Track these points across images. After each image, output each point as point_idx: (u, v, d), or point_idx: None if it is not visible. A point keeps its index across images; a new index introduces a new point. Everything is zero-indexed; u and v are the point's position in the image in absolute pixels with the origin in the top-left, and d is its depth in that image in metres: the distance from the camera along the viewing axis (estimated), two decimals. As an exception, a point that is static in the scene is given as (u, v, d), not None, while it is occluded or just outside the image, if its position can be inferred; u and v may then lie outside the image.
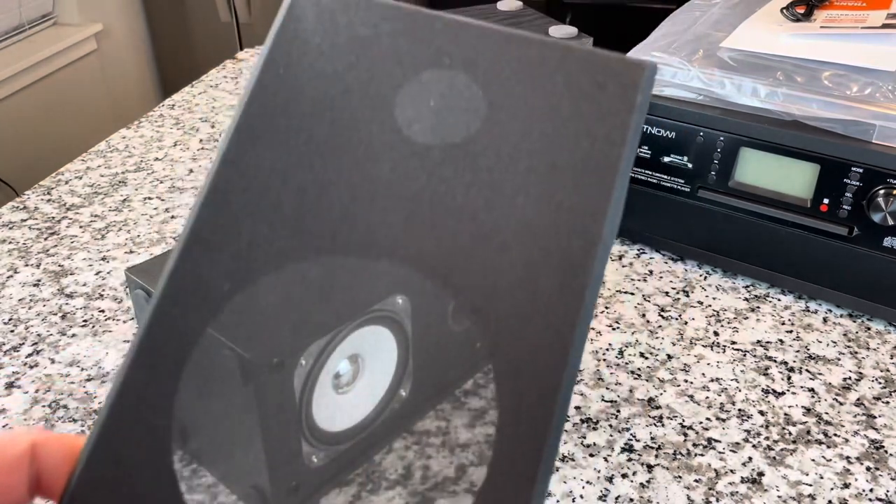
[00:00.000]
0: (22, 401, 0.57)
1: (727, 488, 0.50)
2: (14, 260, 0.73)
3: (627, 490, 0.49)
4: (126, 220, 0.79)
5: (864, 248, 0.61)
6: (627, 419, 0.55)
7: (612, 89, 0.25)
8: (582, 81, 0.25)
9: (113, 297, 0.68)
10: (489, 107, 0.26)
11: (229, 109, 1.03)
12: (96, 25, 2.07)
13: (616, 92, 0.25)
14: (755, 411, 0.55)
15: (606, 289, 0.68)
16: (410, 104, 0.27)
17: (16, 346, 0.62)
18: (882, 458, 0.52)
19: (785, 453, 0.52)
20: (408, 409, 0.33)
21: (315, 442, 0.41)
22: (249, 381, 0.41)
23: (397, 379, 0.47)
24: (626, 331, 0.63)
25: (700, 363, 0.60)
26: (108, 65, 2.15)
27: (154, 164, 0.90)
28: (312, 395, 0.44)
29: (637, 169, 0.69)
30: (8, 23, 1.89)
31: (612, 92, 0.25)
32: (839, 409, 0.56)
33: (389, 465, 0.44)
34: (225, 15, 2.14)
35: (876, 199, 0.59)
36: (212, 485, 0.32)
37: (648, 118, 0.66)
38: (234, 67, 1.17)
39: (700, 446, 0.53)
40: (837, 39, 0.65)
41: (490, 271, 0.25)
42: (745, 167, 0.64)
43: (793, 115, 0.61)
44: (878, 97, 0.58)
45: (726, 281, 0.69)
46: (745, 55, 0.65)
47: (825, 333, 0.63)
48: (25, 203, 0.83)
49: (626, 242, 0.74)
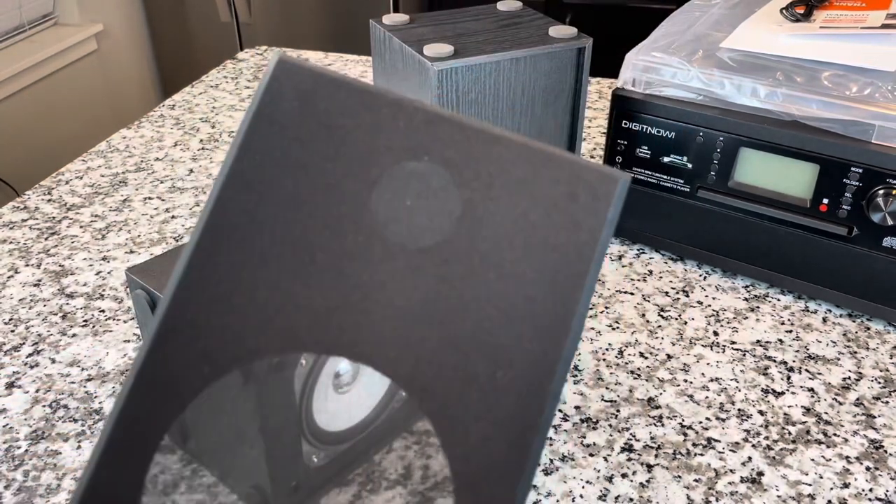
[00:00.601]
0: (22, 401, 0.57)
1: (727, 488, 0.50)
2: (14, 260, 0.73)
3: (627, 490, 0.49)
4: (126, 220, 0.79)
5: (864, 248, 0.61)
6: (627, 419, 0.55)
7: (584, 201, 0.25)
8: (557, 190, 0.25)
9: (113, 297, 0.68)
10: (464, 207, 0.26)
11: (229, 109, 1.03)
12: (96, 25, 2.07)
13: (588, 204, 0.25)
14: (755, 411, 0.55)
15: (606, 289, 0.68)
16: (387, 204, 0.27)
17: (16, 346, 0.62)
18: (882, 458, 0.52)
19: (784, 453, 0.52)
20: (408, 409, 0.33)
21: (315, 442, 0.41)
22: (249, 380, 0.41)
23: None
24: (626, 331, 0.63)
25: (700, 363, 0.60)
26: (108, 65, 2.16)
27: (154, 164, 0.90)
28: (312, 395, 0.44)
29: (637, 169, 0.69)
30: (8, 23, 1.89)
31: (583, 204, 0.25)
32: (839, 408, 0.56)
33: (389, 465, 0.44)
34: (225, 15, 2.14)
35: (875, 199, 0.59)
36: (212, 485, 0.32)
37: (648, 118, 0.67)
38: (234, 67, 1.17)
39: (700, 446, 0.53)
40: (837, 39, 0.65)
41: (452, 381, 0.25)
42: (745, 167, 0.64)
43: (792, 115, 0.61)
44: (877, 97, 0.58)
45: (726, 281, 0.69)
46: (745, 55, 0.65)
47: (825, 333, 0.63)
48: (26, 203, 0.83)
49: (626, 242, 0.74)
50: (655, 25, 0.73)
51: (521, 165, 0.26)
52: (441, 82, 0.56)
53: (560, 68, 0.60)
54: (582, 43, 0.59)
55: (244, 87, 1.11)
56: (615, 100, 0.68)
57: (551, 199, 0.25)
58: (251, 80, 1.13)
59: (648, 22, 1.85)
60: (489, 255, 0.26)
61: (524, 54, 0.58)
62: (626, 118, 0.68)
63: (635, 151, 0.69)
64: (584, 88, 0.61)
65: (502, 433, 0.24)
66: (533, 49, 0.58)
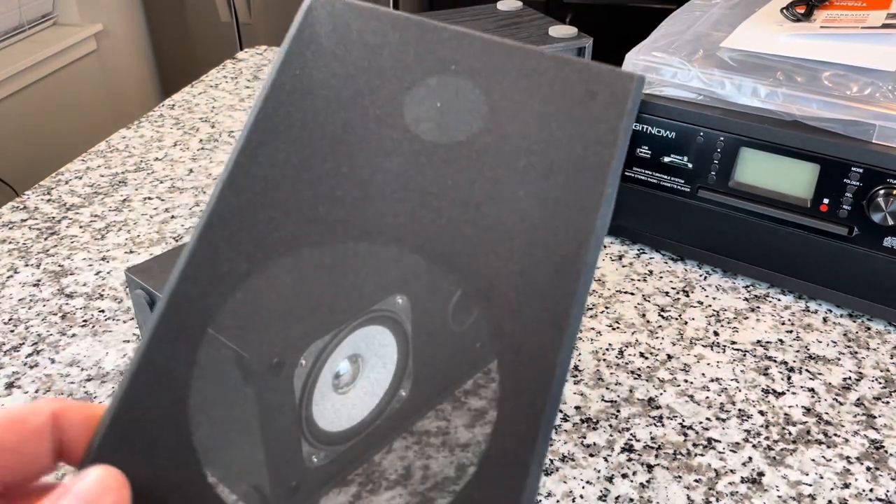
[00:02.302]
0: (22, 401, 0.57)
1: (727, 488, 0.50)
2: (14, 260, 0.73)
3: (627, 490, 0.49)
4: (126, 220, 0.79)
5: (864, 248, 0.61)
6: (627, 419, 0.55)
7: (602, 98, 0.27)
8: (576, 90, 0.27)
9: (113, 297, 0.68)
10: (491, 111, 0.28)
11: (229, 109, 1.03)
12: (96, 25, 2.07)
13: (607, 100, 0.27)
14: (755, 411, 0.55)
15: (606, 289, 0.68)
16: (418, 105, 0.29)
17: (16, 346, 0.62)
18: (882, 458, 0.52)
19: (785, 453, 0.52)
20: (408, 409, 0.33)
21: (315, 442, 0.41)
22: (249, 380, 0.41)
23: (397, 379, 0.47)
24: (626, 331, 0.63)
25: (700, 363, 0.60)
26: (108, 65, 2.15)
27: (154, 164, 0.90)
28: (312, 395, 0.44)
29: (637, 169, 0.69)
30: (8, 23, 1.89)
31: (602, 100, 0.27)
32: (839, 409, 0.56)
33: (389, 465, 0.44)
34: (225, 15, 2.14)
35: (876, 199, 0.59)
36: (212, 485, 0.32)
37: (648, 118, 0.66)
38: (234, 67, 1.17)
39: (700, 446, 0.53)
40: (837, 39, 0.65)
41: (493, 258, 0.27)
42: (745, 167, 0.64)
43: (793, 115, 0.61)
44: (878, 97, 0.58)
45: (726, 281, 0.69)
46: (745, 55, 0.65)
47: (825, 333, 0.63)
48: (25, 203, 0.83)
49: (626, 242, 0.74)
50: (655, 25, 0.73)
51: (542, 71, 0.28)
52: (441, 82, 0.56)
53: (560, 68, 0.60)
54: (582, 43, 0.59)
55: (244, 86, 1.10)
56: (615, 100, 0.68)
57: (574, 98, 0.27)
58: (251, 80, 1.12)
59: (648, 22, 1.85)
60: (518, 146, 0.28)
61: (524, 54, 0.58)
62: (627, 118, 0.68)
63: (635, 151, 0.69)
64: (584, 88, 0.61)
65: (540, 302, 0.26)
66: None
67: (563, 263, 0.26)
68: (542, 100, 0.28)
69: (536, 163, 0.27)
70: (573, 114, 0.27)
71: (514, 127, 0.28)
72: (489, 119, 0.28)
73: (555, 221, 0.26)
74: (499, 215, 0.27)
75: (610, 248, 0.73)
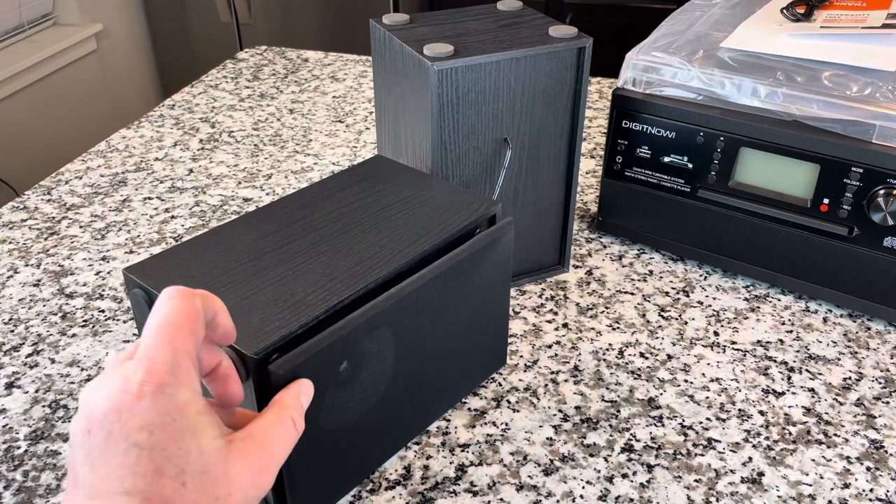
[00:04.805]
0: (22, 401, 0.57)
1: (727, 488, 0.49)
2: (14, 260, 0.73)
3: (627, 490, 0.49)
4: (126, 220, 0.79)
5: (864, 248, 0.61)
6: (627, 419, 0.55)
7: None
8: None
9: (113, 297, 0.68)
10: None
11: (229, 109, 1.03)
12: (96, 25, 2.07)
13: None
14: (755, 411, 0.55)
15: (606, 289, 0.68)
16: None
17: (16, 346, 0.62)
18: (882, 458, 0.52)
19: (785, 453, 0.52)
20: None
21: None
22: (249, 378, 0.41)
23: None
24: (626, 331, 0.63)
25: (700, 363, 0.60)
26: (108, 65, 2.15)
27: (154, 164, 0.90)
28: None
29: (637, 169, 0.69)
30: (8, 23, 1.89)
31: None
32: (839, 409, 0.56)
33: (389, 465, 0.44)
34: (225, 15, 2.14)
35: (876, 199, 0.59)
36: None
37: (648, 118, 0.66)
38: (233, 67, 1.17)
39: (700, 446, 0.53)
40: (837, 39, 0.65)
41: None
42: (745, 167, 0.64)
43: (793, 115, 0.61)
44: (878, 97, 0.58)
45: (726, 281, 0.69)
46: (745, 55, 0.65)
47: (825, 333, 0.63)
48: (25, 203, 0.83)
49: (626, 242, 0.74)
50: (655, 25, 0.73)
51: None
52: (441, 82, 0.56)
53: (560, 68, 0.60)
54: (582, 43, 0.59)
55: (244, 86, 1.10)
56: (615, 100, 0.68)
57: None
58: (251, 80, 1.12)
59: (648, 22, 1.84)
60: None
61: (524, 54, 0.58)
62: (627, 118, 0.68)
63: (635, 151, 0.69)
64: (584, 88, 0.61)
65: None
66: (533, 49, 0.58)
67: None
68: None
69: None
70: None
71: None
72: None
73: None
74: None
75: (610, 248, 0.73)
